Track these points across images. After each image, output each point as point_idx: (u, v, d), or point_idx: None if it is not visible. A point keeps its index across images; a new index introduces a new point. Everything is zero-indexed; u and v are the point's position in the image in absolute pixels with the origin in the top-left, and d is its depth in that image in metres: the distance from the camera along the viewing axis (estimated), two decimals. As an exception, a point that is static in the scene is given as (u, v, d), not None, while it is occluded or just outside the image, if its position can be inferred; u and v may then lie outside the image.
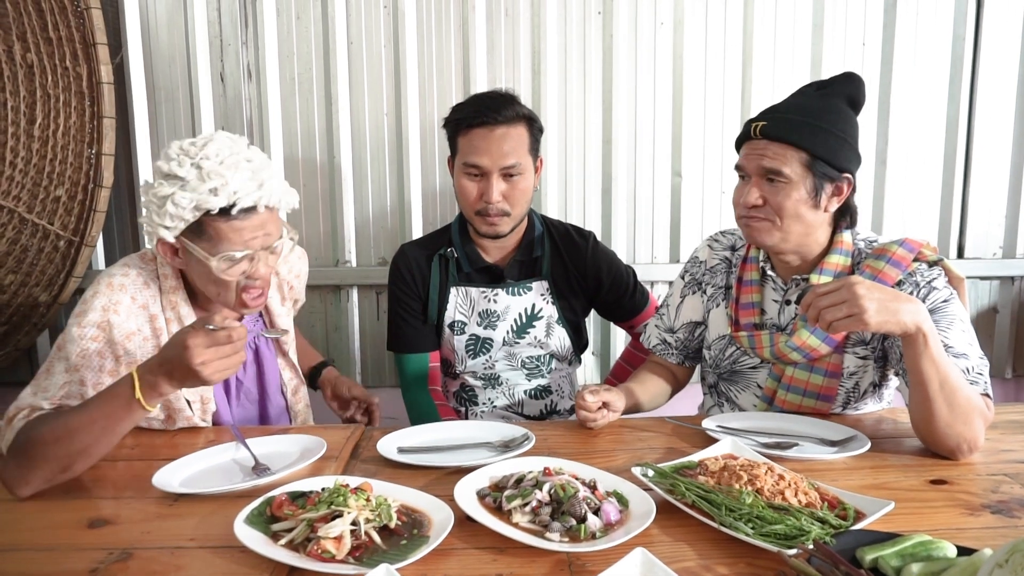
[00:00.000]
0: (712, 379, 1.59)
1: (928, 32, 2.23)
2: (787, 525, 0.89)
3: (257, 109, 2.22)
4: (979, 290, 2.38)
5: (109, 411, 1.10)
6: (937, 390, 1.15)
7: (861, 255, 1.39)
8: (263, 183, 1.28)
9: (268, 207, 1.31)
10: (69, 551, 0.94)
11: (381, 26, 2.20)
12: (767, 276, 1.48)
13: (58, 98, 2.06)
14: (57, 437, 1.10)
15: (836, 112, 1.34)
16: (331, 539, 0.88)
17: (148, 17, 2.18)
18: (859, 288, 1.11)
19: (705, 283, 1.59)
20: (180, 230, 1.27)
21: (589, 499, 0.98)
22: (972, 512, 1.01)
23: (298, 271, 1.65)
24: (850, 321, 1.11)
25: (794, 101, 1.38)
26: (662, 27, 2.21)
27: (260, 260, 1.32)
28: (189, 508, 1.05)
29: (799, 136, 1.31)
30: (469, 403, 1.86)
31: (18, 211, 2.10)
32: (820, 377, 1.40)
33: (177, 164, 1.25)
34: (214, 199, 1.23)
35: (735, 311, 1.51)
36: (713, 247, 1.61)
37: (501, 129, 1.60)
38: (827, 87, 1.39)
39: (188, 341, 1.06)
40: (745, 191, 1.36)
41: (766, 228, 1.36)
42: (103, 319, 1.30)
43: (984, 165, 2.29)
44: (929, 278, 1.31)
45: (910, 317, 1.12)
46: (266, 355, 1.56)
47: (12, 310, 2.16)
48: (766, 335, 1.43)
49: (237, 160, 1.27)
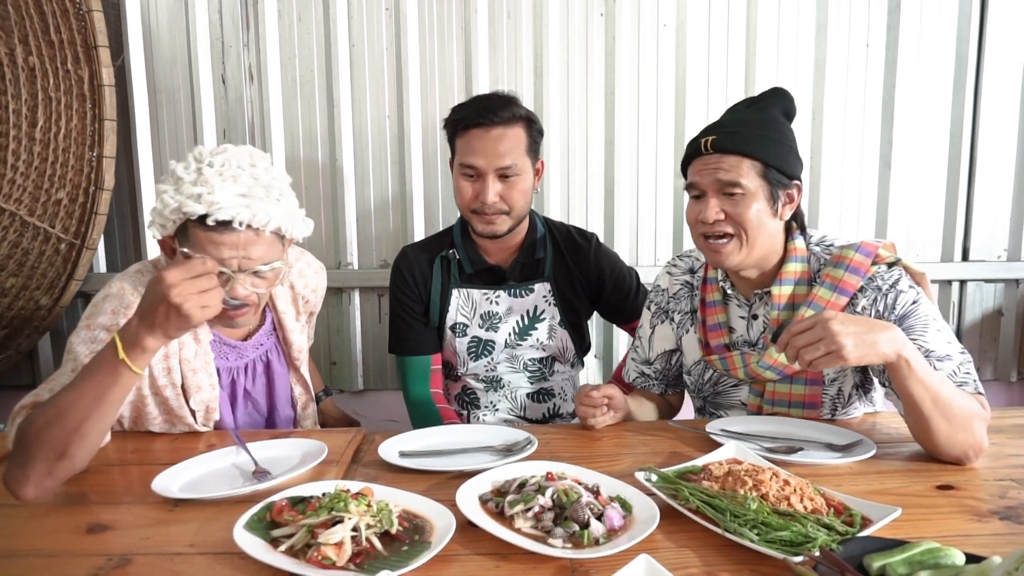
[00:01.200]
0: (698, 403, 1.59)
1: (932, 33, 2.22)
2: (793, 531, 0.88)
3: (259, 111, 2.22)
4: (984, 293, 2.37)
5: (97, 380, 1.05)
6: (931, 408, 1.14)
7: (819, 260, 1.38)
8: (252, 203, 1.23)
9: (252, 227, 1.25)
10: (68, 557, 0.93)
11: (383, 28, 2.19)
12: (728, 295, 1.47)
13: (59, 101, 2.06)
14: (49, 420, 1.05)
15: (776, 123, 1.35)
16: (332, 545, 0.87)
17: (149, 19, 2.18)
18: (834, 324, 1.09)
19: (671, 310, 1.57)
20: (170, 229, 1.27)
21: (592, 504, 0.97)
22: (980, 518, 1.00)
23: (315, 286, 1.64)
24: (829, 358, 1.09)
25: (733, 116, 1.39)
26: (665, 29, 2.21)
27: (237, 281, 1.27)
28: (189, 513, 1.04)
29: (751, 146, 1.30)
30: (471, 406, 1.85)
31: (19, 214, 2.09)
32: (801, 387, 1.40)
33: (184, 166, 1.26)
34: (194, 205, 1.21)
35: (703, 334, 1.49)
36: (672, 273, 1.59)
37: (497, 130, 1.60)
38: (759, 102, 1.40)
39: (162, 274, 1.02)
40: (702, 208, 1.33)
41: (733, 248, 1.34)
42: (112, 322, 1.29)
43: (989, 167, 2.28)
44: (891, 280, 1.30)
45: (888, 347, 1.10)
46: (277, 369, 1.55)
47: (13, 313, 2.16)
48: (737, 356, 1.42)
49: (239, 174, 1.25)
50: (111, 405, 1.07)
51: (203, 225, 1.23)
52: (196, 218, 1.23)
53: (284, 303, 1.55)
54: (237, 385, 1.49)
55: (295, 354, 1.57)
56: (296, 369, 1.59)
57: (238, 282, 1.27)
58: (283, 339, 1.57)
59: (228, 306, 1.29)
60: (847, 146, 2.27)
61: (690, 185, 1.37)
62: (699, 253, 1.56)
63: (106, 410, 1.07)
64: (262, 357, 1.53)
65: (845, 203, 2.30)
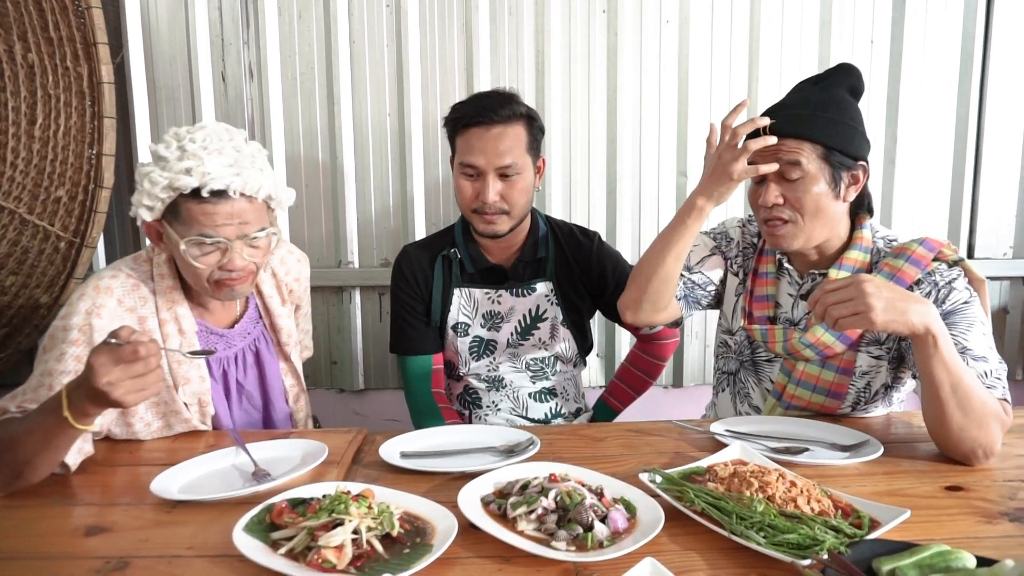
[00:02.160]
0: (734, 366, 1.57)
1: (937, 29, 2.20)
2: (800, 534, 0.87)
3: (259, 109, 2.21)
4: (989, 290, 2.34)
5: (45, 425, 1.07)
6: (949, 393, 1.12)
7: (880, 253, 1.37)
8: (242, 171, 1.27)
9: (244, 195, 1.28)
10: (66, 559, 0.92)
11: (383, 25, 2.18)
12: (784, 269, 1.46)
13: (59, 98, 2.05)
14: (3, 445, 1.09)
15: (841, 102, 1.33)
16: (332, 548, 0.86)
17: (149, 16, 2.17)
18: (867, 286, 1.09)
19: (736, 264, 1.56)
20: (158, 211, 1.28)
21: (596, 506, 0.96)
22: (990, 520, 0.98)
23: (296, 274, 1.62)
24: (856, 319, 1.09)
25: (796, 97, 1.37)
26: (667, 25, 2.19)
27: (235, 251, 1.29)
28: (187, 515, 1.03)
29: (810, 129, 1.29)
30: (473, 406, 1.84)
31: (19, 212, 2.08)
32: (832, 373, 1.38)
33: (164, 145, 1.28)
34: (186, 178, 1.22)
35: (748, 303, 1.49)
36: (743, 231, 1.58)
37: (497, 128, 1.58)
38: (824, 80, 1.38)
39: (90, 360, 1.01)
40: (762, 192, 1.34)
41: (790, 233, 1.34)
42: (85, 322, 1.27)
43: (994, 164, 2.26)
44: (949, 278, 1.29)
45: (918, 318, 1.09)
46: (267, 358, 1.53)
47: (13, 312, 2.15)
48: (780, 330, 1.41)
49: (222, 146, 1.27)
50: (58, 449, 1.11)
51: (196, 198, 1.25)
52: (188, 193, 1.24)
53: (269, 288, 1.55)
54: (229, 377, 1.47)
55: (284, 339, 1.56)
56: (287, 358, 1.58)
57: (235, 251, 1.29)
58: (271, 325, 1.55)
59: (228, 284, 1.32)
60: (851, 143, 2.25)
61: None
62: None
63: (53, 453, 1.11)
64: (251, 346, 1.51)
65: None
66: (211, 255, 1.29)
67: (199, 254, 1.28)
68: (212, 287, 1.33)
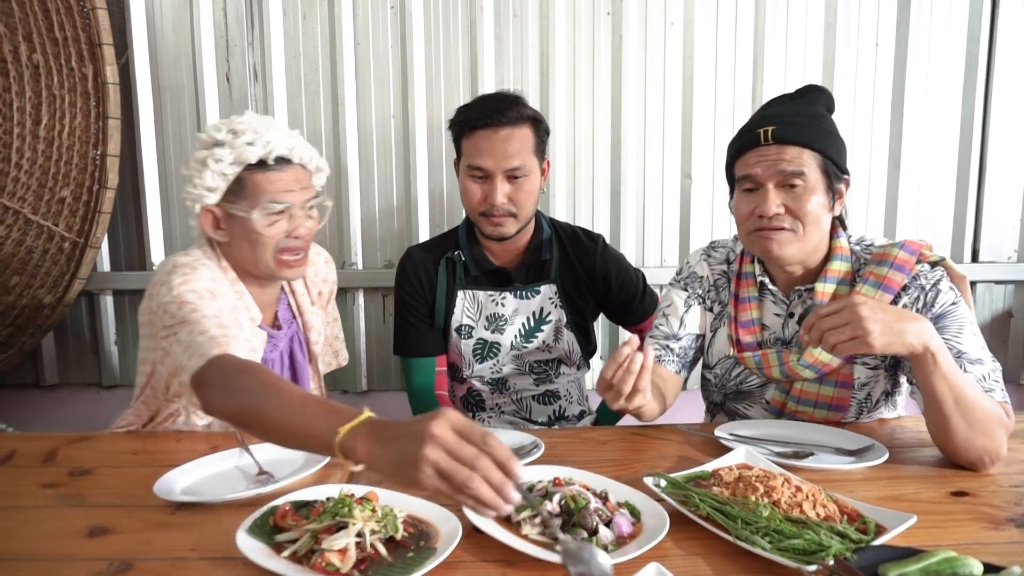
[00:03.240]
0: (718, 398, 1.54)
1: (942, 32, 2.19)
2: (806, 540, 0.86)
3: (263, 110, 2.21)
4: (994, 294, 2.34)
5: (307, 428, 0.93)
6: (952, 406, 1.11)
7: (859, 260, 1.36)
8: (297, 139, 1.40)
9: (302, 163, 1.41)
10: (68, 561, 0.92)
11: (388, 27, 2.18)
12: (766, 290, 1.43)
13: (64, 99, 2.05)
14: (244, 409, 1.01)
15: (827, 116, 1.33)
16: (336, 551, 0.85)
17: (154, 17, 2.17)
18: (862, 309, 1.07)
19: (710, 300, 1.52)
20: (222, 191, 1.35)
21: (600, 510, 0.96)
22: (996, 526, 0.98)
23: (325, 275, 1.66)
24: (854, 344, 1.08)
25: (787, 108, 1.35)
26: (672, 28, 2.19)
27: (299, 219, 1.38)
28: (191, 517, 1.03)
29: (813, 138, 1.28)
30: (476, 408, 1.84)
31: (23, 212, 2.09)
32: (831, 389, 1.37)
33: (215, 130, 1.37)
34: (251, 149, 1.33)
35: (734, 330, 1.44)
36: (710, 261, 1.53)
37: (505, 131, 1.58)
38: (804, 96, 1.37)
39: (433, 429, 0.78)
40: (759, 201, 1.30)
41: (788, 239, 1.30)
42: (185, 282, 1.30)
43: (999, 167, 2.25)
44: (934, 280, 1.28)
45: (916, 337, 1.08)
46: (299, 361, 1.56)
47: (17, 311, 2.15)
48: (773, 354, 1.38)
49: (269, 123, 1.39)
50: (292, 439, 0.97)
51: (262, 168, 1.35)
52: (254, 163, 1.34)
53: (299, 286, 1.60)
54: None
55: (314, 338, 1.59)
56: (314, 361, 1.60)
57: (300, 219, 1.39)
58: (304, 326, 1.59)
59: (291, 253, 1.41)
60: (856, 146, 2.24)
61: (744, 177, 1.32)
62: (733, 243, 1.52)
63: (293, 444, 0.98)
64: (287, 349, 1.53)
65: (854, 203, 2.27)
66: (278, 224, 1.37)
67: (268, 223, 1.36)
68: (275, 264, 1.39)
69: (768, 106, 1.40)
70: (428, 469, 0.77)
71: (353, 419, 0.87)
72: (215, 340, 1.15)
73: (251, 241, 1.37)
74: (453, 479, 0.76)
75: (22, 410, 2.38)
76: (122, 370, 2.36)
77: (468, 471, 0.76)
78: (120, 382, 2.36)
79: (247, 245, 1.38)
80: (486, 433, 0.79)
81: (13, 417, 2.23)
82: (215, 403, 1.08)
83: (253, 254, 1.38)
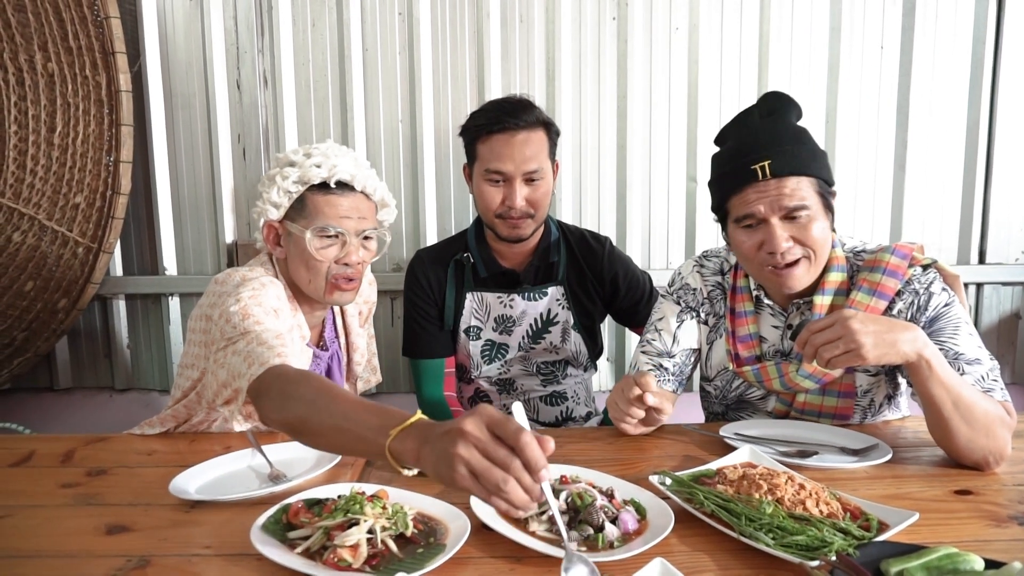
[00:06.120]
0: (719, 408, 1.54)
1: (947, 34, 2.20)
2: (809, 536, 0.88)
3: (273, 116, 2.24)
4: (1001, 296, 2.34)
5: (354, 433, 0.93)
6: (952, 410, 1.12)
7: (852, 268, 1.35)
8: (363, 170, 1.43)
9: (365, 192, 1.44)
10: (87, 558, 0.94)
11: (396, 33, 2.21)
12: (763, 303, 1.41)
13: (78, 106, 2.09)
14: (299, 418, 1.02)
15: (804, 131, 1.31)
16: (347, 547, 0.87)
17: (165, 26, 2.21)
18: (853, 323, 1.08)
19: (704, 312, 1.50)
20: (284, 207, 1.39)
21: (607, 508, 0.97)
22: (998, 523, 0.99)
23: (367, 296, 1.70)
24: (848, 357, 1.09)
25: (769, 131, 1.29)
26: (677, 32, 2.21)
27: (352, 246, 1.40)
28: (205, 515, 1.05)
29: (805, 164, 1.26)
30: (484, 409, 1.85)
31: (38, 218, 2.12)
32: (834, 399, 1.38)
33: (292, 152, 1.44)
34: (315, 170, 1.38)
35: (733, 345, 1.43)
36: (703, 273, 1.50)
37: (522, 134, 1.60)
38: (776, 111, 1.33)
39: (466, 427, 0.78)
40: (765, 237, 1.27)
41: (803, 271, 1.28)
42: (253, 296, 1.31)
43: (1005, 169, 2.26)
44: (927, 283, 1.29)
45: (909, 346, 1.09)
46: (336, 378, 1.59)
47: (32, 316, 2.19)
48: (772, 367, 1.37)
49: (343, 152, 1.44)
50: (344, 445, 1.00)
51: (323, 190, 1.40)
52: (316, 185, 1.39)
53: (351, 307, 1.64)
54: None
55: (357, 359, 1.64)
56: (351, 380, 1.64)
57: (352, 246, 1.42)
58: (348, 344, 1.63)
59: (342, 280, 1.43)
60: (862, 149, 2.26)
61: (746, 216, 1.29)
62: (726, 253, 1.51)
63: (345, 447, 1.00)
64: (325, 369, 1.57)
65: (860, 206, 2.28)
66: (331, 248, 1.40)
67: (320, 246, 1.39)
68: (327, 287, 1.41)
69: (740, 126, 1.35)
70: (461, 468, 0.76)
71: (404, 422, 0.87)
72: (275, 350, 1.17)
73: (304, 261, 1.40)
74: (487, 481, 0.76)
75: (37, 413, 2.41)
76: (135, 373, 2.39)
77: (502, 474, 0.75)
78: (132, 385, 2.39)
79: (302, 265, 1.41)
80: (520, 430, 0.77)
81: (28, 420, 2.27)
82: (271, 410, 1.08)
83: (307, 275, 1.41)
